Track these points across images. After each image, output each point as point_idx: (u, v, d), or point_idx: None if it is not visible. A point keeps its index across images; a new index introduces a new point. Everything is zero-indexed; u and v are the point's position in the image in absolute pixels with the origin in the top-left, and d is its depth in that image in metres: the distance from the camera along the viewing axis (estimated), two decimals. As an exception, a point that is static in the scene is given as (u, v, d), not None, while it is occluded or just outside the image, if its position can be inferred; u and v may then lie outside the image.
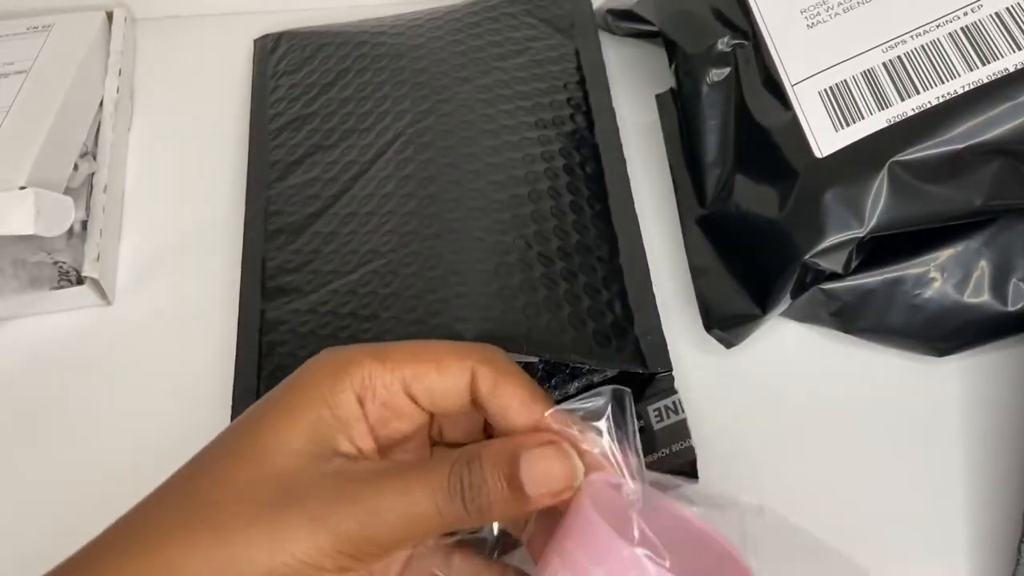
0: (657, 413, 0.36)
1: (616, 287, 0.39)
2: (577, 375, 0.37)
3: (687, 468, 0.35)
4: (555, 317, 0.37)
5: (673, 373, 0.37)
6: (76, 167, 0.45)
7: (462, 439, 0.30)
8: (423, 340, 0.29)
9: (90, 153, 0.46)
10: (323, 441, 0.26)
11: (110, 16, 0.51)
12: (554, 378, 0.37)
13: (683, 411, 0.36)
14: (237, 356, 0.40)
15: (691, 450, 0.35)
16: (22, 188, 0.39)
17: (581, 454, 0.26)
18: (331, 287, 0.40)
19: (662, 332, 0.38)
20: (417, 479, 0.25)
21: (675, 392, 0.36)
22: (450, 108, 0.44)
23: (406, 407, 0.27)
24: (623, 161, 0.43)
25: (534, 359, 0.37)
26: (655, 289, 0.39)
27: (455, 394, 0.27)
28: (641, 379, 0.37)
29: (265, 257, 0.42)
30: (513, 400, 0.27)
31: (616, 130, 0.44)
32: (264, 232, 0.43)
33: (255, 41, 0.51)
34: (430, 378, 0.27)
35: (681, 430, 0.36)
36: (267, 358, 0.39)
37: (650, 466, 0.35)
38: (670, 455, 0.35)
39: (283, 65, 0.49)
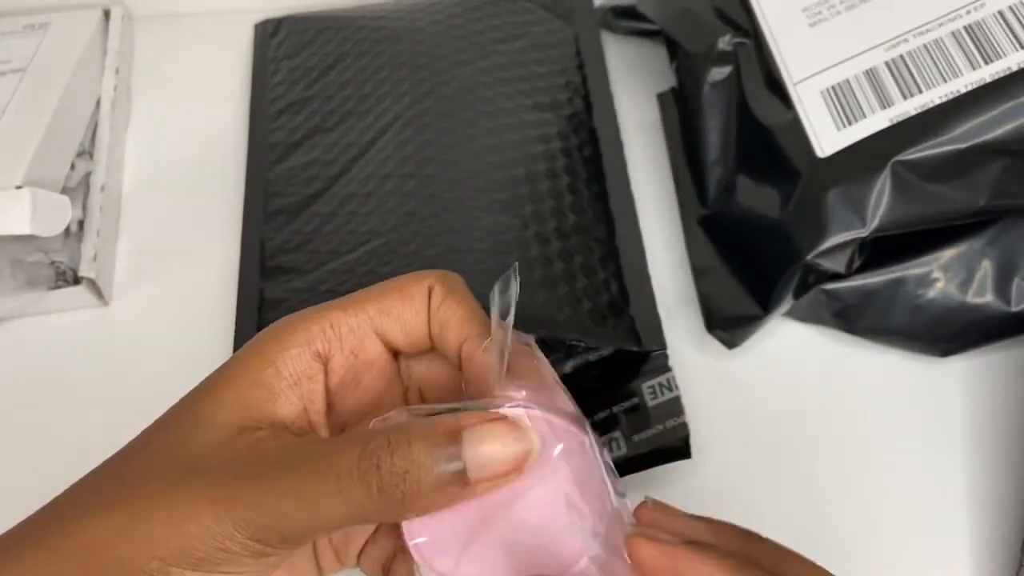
0: (651, 390, 0.36)
1: (612, 267, 0.39)
2: (573, 354, 0.37)
3: (680, 444, 0.35)
4: (551, 296, 0.37)
5: (667, 351, 0.37)
6: (73, 166, 0.44)
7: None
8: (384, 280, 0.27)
9: (87, 152, 0.46)
10: (258, 408, 0.24)
11: (107, 14, 0.50)
12: (550, 357, 0.38)
13: (677, 388, 0.36)
14: (236, 334, 0.40)
15: (684, 426, 0.35)
16: (18, 188, 0.39)
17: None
18: (330, 266, 0.40)
19: (657, 311, 0.38)
20: (324, 461, 0.22)
21: (669, 370, 0.37)
22: (449, 91, 0.44)
23: (377, 354, 0.26)
24: (620, 144, 0.44)
25: (531, 338, 0.37)
26: (656, 289, 0.39)
27: (423, 320, 0.26)
28: (636, 357, 0.37)
29: (264, 238, 0.43)
30: (452, 317, 0.26)
31: (613, 114, 0.45)
32: (264, 213, 0.43)
33: (256, 26, 0.51)
34: (397, 308, 0.26)
35: (675, 407, 0.36)
36: None
37: (644, 442, 0.35)
38: (664, 431, 0.36)
39: (283, 49, 0.49)
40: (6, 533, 0.24)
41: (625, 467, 0.35)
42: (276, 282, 0.41)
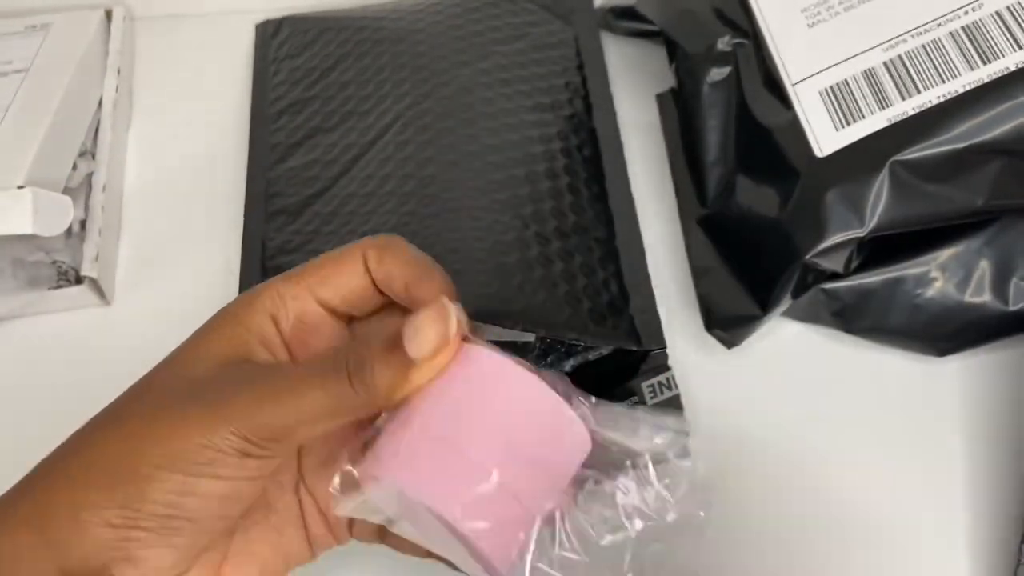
0: (651, 389, 0.37)
1: (612, 267, 0.39)
2: (573, 352, 0.38)
3: None
4: (551, 295, 0.37)
5: (667, 351, 0.37)
6: (75, 166, 0.45)
7: None
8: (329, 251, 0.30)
9: (89, 152, 0.46)
10: (237, 351, 0.27)
11: (109, 14, 0.51)
12: (550, 356, 0.38)
13: (676, 387, 0.36)
14: None
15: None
16: (20, 187, 0.39)
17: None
18: None
19: (657, 311, 0.38)
20: (306, 362, 0.27)
21: (669, 369, 0.37)
22: (449, 91, 0.44)
23: (321, 319, 0.29)
24: (620, 144, 0.44)
25: (530, 336, 0.37)
26: (655, 289, 0.39)
27: (357, 283, 0.29)
28: (636, 356, 0.37)
29: (265, 238, 0.43)
30: (393, 267, 0.28)
31: (613, 114, 0.45)
32: (264, 213, 0.43)
33: (257, 26, 0.51)
34: (332, 278, 0.29)
35: (674, 405, 0.36)
36: None
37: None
38: None
39: (284, 49, 0.49)
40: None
41: None
42: (277, 282, 0.41)
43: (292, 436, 0.26)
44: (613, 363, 0.37)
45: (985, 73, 0.35)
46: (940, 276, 0.37)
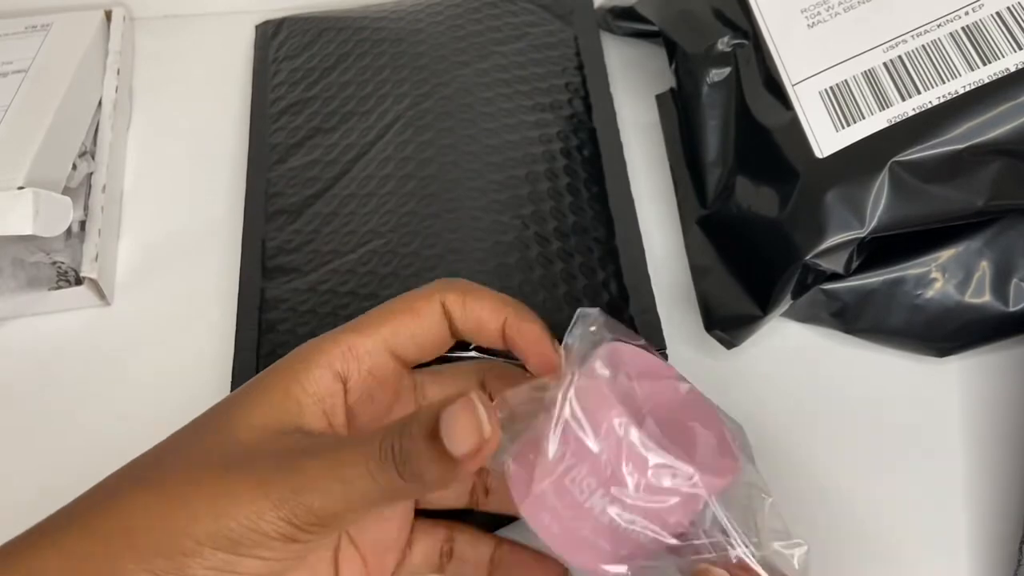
0: None
1: (612, 267, 0.39)
2: None
3: None
4: (551, 296, 0.38)
5: (667, 351, 0.37)
6: (75, 167, 0.45)
7: None
8: (388, 300, 0.29)
9: (89, 153, 0.46)
10: (287, 418, 0.26)
11: (108, 15, 0.51)
12: None
13: None
14: (237, 334, 0.40)
15: None
16: (20, 188, 0.39)
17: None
18: (330, 266, 0.40)
19: (656, 311, 0.39)
20: (351, 446, 0.25)
21: None
22: (449, 91, 0.44)
23: (392, 369, 0.28)
24: (620, 144, 0.44)
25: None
26: (655, 289, 0.39)
27: (435, 332, 0.28)
28: None
29: (265, 238, 0.43)
30: (483, 310, 0.28)
31: (613, 115, 0.45)
32: (264, 214, 0.43)
33: (256, 27, 0.51)
34: (409, 326, 0.28)
35: None
36: (266, 335, 0.40)
37: None
38: None
39: (284, 50, 0.49)
40: (47, 517, 0.26)
41: None
42: (277, 282, 0.41)
43: (340, 522, 0.25)
44: (613, 364, 0.37)
45: (985, 74, 0.35)
46: (940, 277, 0.37)
